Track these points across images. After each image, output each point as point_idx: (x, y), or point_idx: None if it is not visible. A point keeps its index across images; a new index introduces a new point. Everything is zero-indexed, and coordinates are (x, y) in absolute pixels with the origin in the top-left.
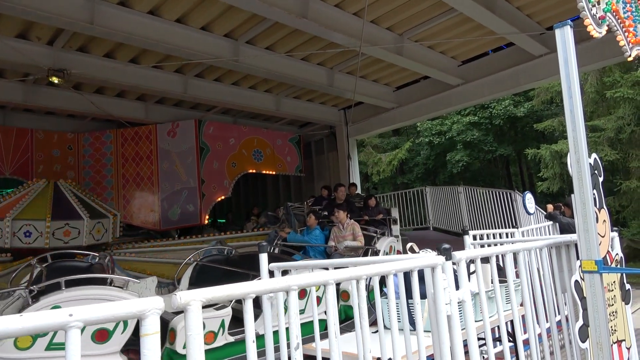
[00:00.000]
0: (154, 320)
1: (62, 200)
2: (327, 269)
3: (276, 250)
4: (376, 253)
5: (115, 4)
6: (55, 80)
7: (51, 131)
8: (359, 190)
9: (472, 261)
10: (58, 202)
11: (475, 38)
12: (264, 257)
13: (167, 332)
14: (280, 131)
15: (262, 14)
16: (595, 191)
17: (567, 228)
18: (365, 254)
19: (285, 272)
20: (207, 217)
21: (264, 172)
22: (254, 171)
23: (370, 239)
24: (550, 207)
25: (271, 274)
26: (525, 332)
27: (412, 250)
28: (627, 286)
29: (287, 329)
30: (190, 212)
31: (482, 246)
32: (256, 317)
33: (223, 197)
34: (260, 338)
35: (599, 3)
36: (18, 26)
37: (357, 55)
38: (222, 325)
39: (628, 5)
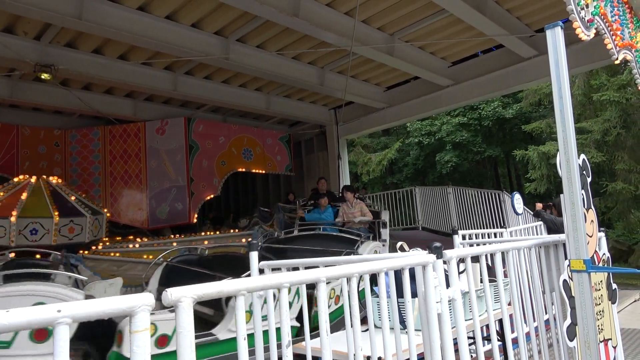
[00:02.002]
0: (144, 317)
1: (61, 198)
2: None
3: (296, 232)
4: (384, 224)
5: None
6: (45, 76)
7: (38, 127)
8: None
9: (462, 260)
10: (58, 200)
11: (465, 39)
12: (254, 255)
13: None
14: (270, 130)
15: (253, 12)
16: (583, 191)
17: (551, 225)
18: (377, 225)
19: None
20: (195, 215)
21: (253, 170)
22: (243, 170)
23: (376, 214)
24: (539, 205)
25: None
26: (513, 331)
27: (402, 249)
28: (614, 286)
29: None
30: (179, 210)
31: (471, 245)
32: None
33: (212, 196)
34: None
35: (587, 6)
36: (4, 20)
37: (348, 55)
38: (342, 290)
39: (616, 9)
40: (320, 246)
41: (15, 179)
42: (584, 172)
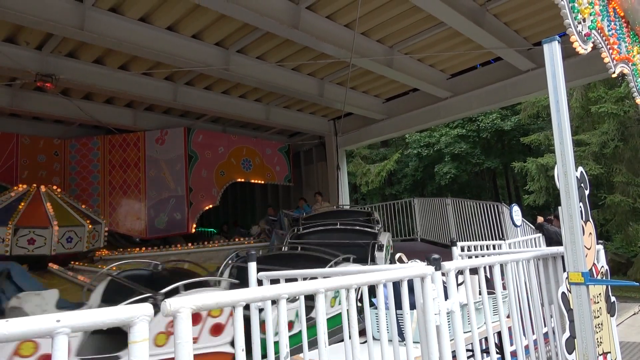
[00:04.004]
0: (143, 327)
1: (76, 207)
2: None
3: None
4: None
5: (106, 10)
6: (49, 85)
7: (37, 136)
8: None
9: (460, 272)
10: (76, 209)
11: (464, 52)
12: (252, 266)
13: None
14: (270, 140)
15: (254, 24)
16: (581, 204)
17: (553, 236)
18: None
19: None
20: (194, 225)
21: (252, 181)
22: (242, 180)
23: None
24: (540, 218)
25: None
26: (512, 344)
27: (401, 261)
28: (612, 298)
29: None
30: (177, 220)
31: (470, 257)
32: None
33: (211, 206)
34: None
35: (584, 21)
36: (6, 30)
37: (348, 67)
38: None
39: (612, 23)
40: (343, 239)
41: (19, 188)
42: (582, 184)
